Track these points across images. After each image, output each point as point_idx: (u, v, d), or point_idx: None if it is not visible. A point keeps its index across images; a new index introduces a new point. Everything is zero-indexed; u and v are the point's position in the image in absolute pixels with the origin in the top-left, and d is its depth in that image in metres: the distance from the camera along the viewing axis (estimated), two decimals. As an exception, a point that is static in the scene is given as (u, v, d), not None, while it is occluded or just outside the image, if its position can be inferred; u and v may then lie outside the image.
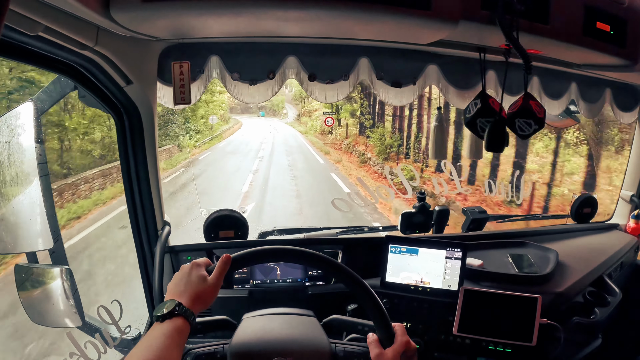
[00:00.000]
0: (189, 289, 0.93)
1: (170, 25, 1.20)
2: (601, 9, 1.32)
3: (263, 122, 34.42)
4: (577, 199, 2.38)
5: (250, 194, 11.54)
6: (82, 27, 1.07)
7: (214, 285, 0.95)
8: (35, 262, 1.39)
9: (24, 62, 1.12)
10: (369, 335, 1.01)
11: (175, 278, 0.98)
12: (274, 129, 29.97)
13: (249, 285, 1.77)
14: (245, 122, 33.12)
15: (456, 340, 1.68)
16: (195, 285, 0.94)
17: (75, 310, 1.39)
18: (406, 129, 15.88)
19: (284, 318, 1.12)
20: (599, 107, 2.10)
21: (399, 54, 1.66)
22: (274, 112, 43.44)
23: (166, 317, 0.88)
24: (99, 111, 1.54)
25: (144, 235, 1.66)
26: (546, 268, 1.82)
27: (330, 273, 1.03)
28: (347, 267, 1.01)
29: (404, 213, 2.06)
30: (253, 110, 45.62)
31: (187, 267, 0.97)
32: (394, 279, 1.73)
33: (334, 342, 1.07)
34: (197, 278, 0.95)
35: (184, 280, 0.95)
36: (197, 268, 0.97)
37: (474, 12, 1.15)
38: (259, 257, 1.01)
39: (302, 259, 1.04)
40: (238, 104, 45.66)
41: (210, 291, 0.95)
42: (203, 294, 0.93)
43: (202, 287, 0.94)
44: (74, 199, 9.18)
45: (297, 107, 35.14)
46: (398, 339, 1.00)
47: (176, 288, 0.94)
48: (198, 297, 0.93)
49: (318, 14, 1.11)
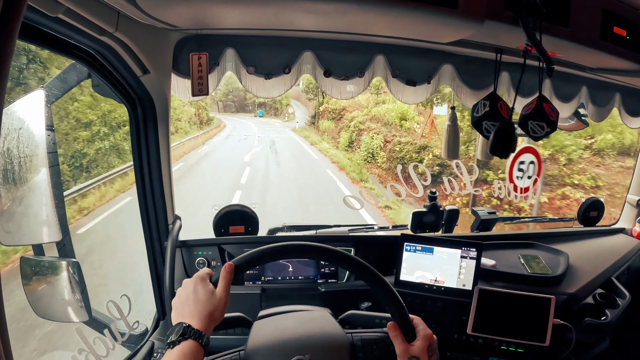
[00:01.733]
0: (199, 308, 0.88)
1: (192, 13, 1.18)
2: (619, 14, 1.33)
3: (259, 126, 29.53)
4: (584, 203, 2.40)
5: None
6: (104, 11, 1.05)
7: (223, 299, 0.90)
8: (42, 255, 1.35)
9: (42, 46, 1.08)
10: (391, 327, 0.99)
11: (180, 296, 0.92)
12: (272, 143, 20.17)
13: (260, 282, 1.75)
14: (233, 126, 28.56)
15: (469, 340, 1.68)
16: (204, 303, 0.88)
17: (82, 305, 1.35)
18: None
19: (295, 316, 1.11)
20: (608, 110, 2.12)
21: (415, 53, 1.66)
22: (275, 111, 36.61)
23: (176, 343, 0.84)
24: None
25: (154, 229, 1.63)
26: (557, 269, 1.83)
27: (342, 265, 1.00)
28: (357, 258, 0.99)
29: (415, 212, 2.06)
30: (250, 108, 40.71)
31: (191, 283, 0.92)
32: (409, 278, 1.72)
33: (350, 332, 1.05)
34: (205, 294, 0.89)
35: (191, 299, 0.89)
36: (202, 282, 0.91)
37: (498, 12, 1.14)
38: (261, 258, 0.95)
39: (308, 253, 1.00)
40: (232, 99, 41.87)
41: (221, 306, 0.90)
42: (214, 310, 0.89)
43: (212, 303, 0.89)
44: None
45: (310, 104, 27.50)
46: (421, 332, 0.99)
47: (184, 308, 0.89)
48: (209, 315, 0.88)
49: (344, 8, 1.09)
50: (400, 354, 0.96)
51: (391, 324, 1.00)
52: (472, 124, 1.55)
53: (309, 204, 10.09)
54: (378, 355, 1.01)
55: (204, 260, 1.73)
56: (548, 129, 1.49)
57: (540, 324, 1.59)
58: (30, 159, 1.21)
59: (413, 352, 0.95)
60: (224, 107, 43.01)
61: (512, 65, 1.76)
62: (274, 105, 36.08)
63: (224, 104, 43.61)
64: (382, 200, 1.91)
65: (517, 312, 1.61)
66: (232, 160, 15.62)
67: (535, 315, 1.60)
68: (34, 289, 1.34)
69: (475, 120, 1.52)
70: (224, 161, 15.71)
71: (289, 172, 13.88)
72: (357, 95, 1.71)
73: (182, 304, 0.90)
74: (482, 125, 1.50)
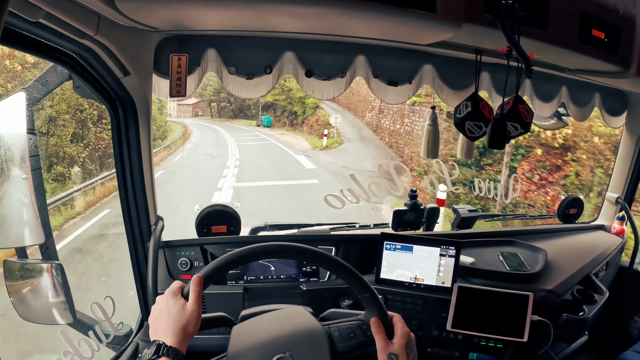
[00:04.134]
0: (171, 324, 0.90)
1: (172, 15, 1.18)
2: (597, 16, 1.35)
3: (258, 159, 16.35)
4: (564, 200, 2.44)
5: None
6: (84, 14, 1.05)
7: (194, 311, 0.92)
8: (25, 258, 1.35)
9: (23, 50, 1.08)
10: (374, 323, 1.02)
11: (154, 313, 0.94)
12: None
13: (242, 282, 1.76)
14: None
15: (449, 336, 1.71)
16: (176, 318, 0.90)
17: (66, 307, 1.36)
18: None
19: (271, 316, 1.12)
20: (589, 110, 2.15)
21: (396, 53, 1.68)
22: (293, 123, 21.76)
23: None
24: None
25: (137, 230, 1.63)
26: (536, 266, 1.86)
27: (314, 262, 1.03)
28: (325, 252, 1.02)
29: (395, 210, 2.08)
30: (253, 112, 29.51)
31: (163, 299, 0.94)
32: (389, 276, 1.74)
33: (326, 324, 1.08)
34: (176, 309, 0.91)
35: (164, 315, 0.91)
36: (174, 297, 0.94)
37: (476, 15, 1.16)
38: (227, 265, 0.98)
39: (274, 254, 1.05)
40: (226, 99, 32.27)
41: (194, 319, 0.92)
42: (186, 324, 0.90)
43: (184, 317, 0.91)
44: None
45: (363, 105, 17.23)
46: (399, 330, 1.03)
47: (158, 326, 0.91)
48: (182, 330, 0.90)
49: (323, 11, 1.10)
50: (380, 350, 0.99)
51: (375, 320, 1.02)
52: (455, 125, 1.57)
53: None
54: (356, 342, 1.04)
55: (186, 261, 1.73)
56: (522, 129, 1.54)
57: (518, 320, 1.62)
58: (12, 162, 1.20)
59: (392, 350, 0.98)
60: (219, 110, 33.99)
61: (493, 65, 1.78)
62: (288, 108, 21.77)
63: (219, 106, 34.74)
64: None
65: (495, 308, 1.64)
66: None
67: (513, 311, 1.63)
68: (18, 292, 1.34)
69: (458, 121, 1.54)
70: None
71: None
72: (338, 96, 1.72)
73: (156, 321, 0.93)
74: (465, 125, 1.53)
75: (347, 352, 1.03)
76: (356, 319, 1.08)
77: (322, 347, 1.02)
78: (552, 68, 1.72)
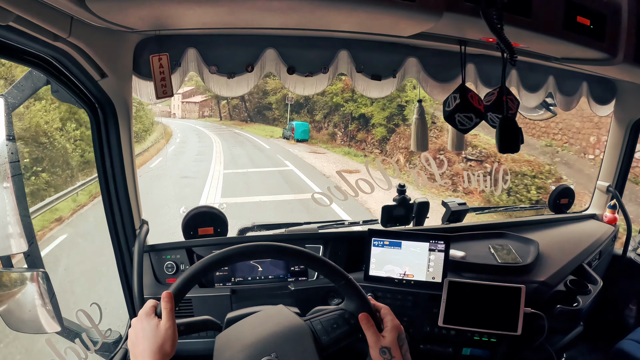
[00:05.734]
0: (147, 345, 0.88)
1: (147, 15, 1.16)
2: (582, 3, 1.34)
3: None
4: (555, 190, 2.43)
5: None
6: (56, 17, 1.03)
7: (169, 330, 0.91)
8: (10, 266, 1.33)
9: None
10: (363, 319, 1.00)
11: (131, 337, 0.93)
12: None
13: (230, 283, 1.74)
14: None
15: (441, 332, 1.69)
16: (151, 339, 0.89)
17: (53, 315, 1.34)
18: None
19: (251, 320, 1.10)
20: (576, 100, 2.14)
21: (378, 47, 1.66)
22: (356, 138, 13.71)
23: None
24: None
25: (122, 235, 1.61)
26: (527, 258, 1.85)
27: (282, 258, 1.02)
28: (298, 247, 1.01)
29: (384, 206, 2.06)
30: (276, 114, 19.56)
31: (138, 321, 0.93)
32: (378, 273, 1.72)
33: (307, 319, 1.06)
34: (151, 330, 0.90)
35: (140, 337, 0.90)
36: (147, 318, 0.92)
37: (457, 4, 1.14)
38: (195, 276, 0.97)
39: (245, 256, 1.02)
40: (249, 101, 24.03)
41: (169, 337, 0.90)
42: (162, 344, 0.89)
43: (159, 337, 0.89)
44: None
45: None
46: (389, 323, 1.01)
47: (136, 348, 0.90)
48: (159, 349, 0.88)
49: (300, 4, 1.09)
50: (372, 345, 0.97)
51: (363, 315, 1.00)
52: (445, 119, 1.54)
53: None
54: (341, 332, 1.03)
55: (172, 264, 1.71)
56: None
57: (511, 314, 1.61)
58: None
59: (384, 343, 0.97)
60: (231, 109, 25.47)
61: (478, 57, 1.77)
62: (347, 110, 12.63)
63: (229, 105, 26.69)
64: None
65: (487, 302, 1.62)
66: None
67: (506, 305, 1.61)
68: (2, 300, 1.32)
69: (447, 115, 1.52)
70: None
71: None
72: (321, 91, 1.70)
73: (133, 345, 0.92)
74: (455, 118, 1.50)
75: (333, 343, 1.02)
76: (337, 308, 1.07)
77: (307, 343, 1.00)
78: (538, 57, 1.70)
